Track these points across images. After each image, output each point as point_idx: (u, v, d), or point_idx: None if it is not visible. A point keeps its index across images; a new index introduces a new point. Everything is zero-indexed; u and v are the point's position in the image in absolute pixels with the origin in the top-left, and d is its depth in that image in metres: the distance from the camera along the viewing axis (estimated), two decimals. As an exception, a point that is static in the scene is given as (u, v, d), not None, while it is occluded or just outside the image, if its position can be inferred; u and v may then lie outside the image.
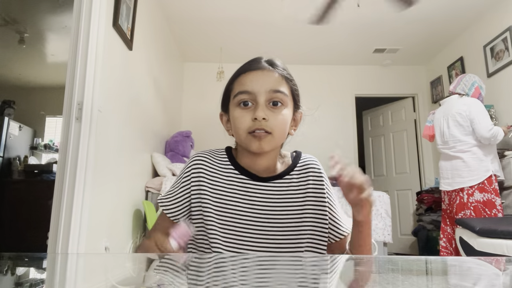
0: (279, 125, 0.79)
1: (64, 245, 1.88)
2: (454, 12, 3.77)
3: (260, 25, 4.03)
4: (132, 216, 2.88)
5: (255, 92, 0.78)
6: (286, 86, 0.82)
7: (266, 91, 0.78)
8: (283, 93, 0.80)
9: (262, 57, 0.85)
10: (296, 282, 0.41)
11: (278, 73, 0.81)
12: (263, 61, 0.83)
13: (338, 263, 0.55)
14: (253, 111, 0.78)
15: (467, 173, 2.67)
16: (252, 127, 0.78)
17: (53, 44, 4.54)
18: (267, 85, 0.79)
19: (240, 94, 0.79)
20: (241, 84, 0.80)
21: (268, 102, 0.79)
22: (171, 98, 4.28)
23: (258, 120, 0.76)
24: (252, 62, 0.84)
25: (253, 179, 0.84)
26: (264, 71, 0.81)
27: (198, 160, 0.87)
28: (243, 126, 0.78)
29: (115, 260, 0.63)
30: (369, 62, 4.99)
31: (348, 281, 0.45)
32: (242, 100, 0.79)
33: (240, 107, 0.79)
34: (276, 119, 0.78)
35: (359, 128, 5.31)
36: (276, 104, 0.79)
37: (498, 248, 2.04)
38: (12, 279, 0.45)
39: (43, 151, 5.08)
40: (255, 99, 0.78)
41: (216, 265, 0.51)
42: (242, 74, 0.82)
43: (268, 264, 0.53)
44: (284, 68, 0.84)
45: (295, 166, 0.88)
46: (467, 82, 2.84)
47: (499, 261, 0.58)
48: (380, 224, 3.08)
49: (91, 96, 2.09)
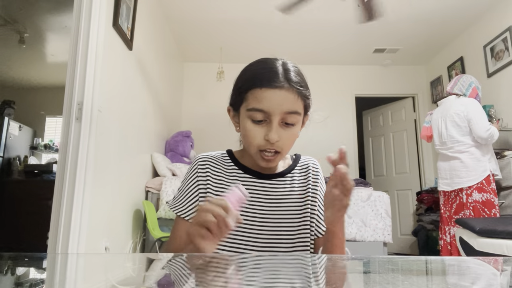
0: (289, 143, 0.81)
1: (64, 245, 1.88)
2: (454, 12, 3.77)
3: (260, 25, 4.03)
4: (132, 216, 2.88)
5: (270, 112, 0.77)
6: (301, 105, 0.80)
7: (282, 112, 0.77)
8: (298, 113, 0.79)
9: (278, 68, 0.79)
10: (300, 283, 0.41)
11: (295, 92, 0.78)
12: (281, 76, 0.78)
13: (340, 264, 0.55)
14: (265, 129, 0.78)
15: (465, 173, 2.68)
16: (264, 146, 0.78)
17: (53, 44, 4.55)
18: (283, 106, 0.77)
19: (254, 111, 0.77)
20: (256, 100, 0.77)
21: (281, 121, 0.78)
22: (171, 98, 4.28)
23: (271, 142, 0.77)
24: (270, 74, 0.78)
25: (256, 177, 0.86)
26: (282, 91, 0.77)
27: (204, 160, 0.88)
28: (255, 143, 0.79)
29: (115, 260, 0.63)
30: (369, 62, 4.99)
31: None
32: (256, 119, 0.78)
33: (253, 122, 0.79)
34: (287, 139, 0.79)
35: (359, 128, 5.31)
36: (289, 125, 0.79)
37: (498, 248, 2.04)
38: (12, 279, 0.45)
39: (43, 151, 5.08)
40: (269, 117, 0.77)
41: (228, 264, 0.51)
42: (258, 88, 0.77)
43: (272, 264, 0.53)
44: (300, 80, 0.81)
45: (296, 166, 0.91)
46: (464, 83, 2.84)
47: (498, 261, 0.58)
48: (380, 224, 3.08)
49: (91, 96, 2.09)
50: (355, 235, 3.02)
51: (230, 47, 4.46)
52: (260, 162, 0.81)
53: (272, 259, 0.58)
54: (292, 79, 0.79)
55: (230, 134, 0.95)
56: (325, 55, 4.79)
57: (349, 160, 0.69)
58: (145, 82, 3.20)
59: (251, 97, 0.78)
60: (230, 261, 0.56)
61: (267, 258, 0.59)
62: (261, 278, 0.43)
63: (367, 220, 3.08)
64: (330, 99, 4.90)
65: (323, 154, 1.02)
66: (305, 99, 0.82)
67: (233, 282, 0.41)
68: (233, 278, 0.44)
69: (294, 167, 0.90)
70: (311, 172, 0.90)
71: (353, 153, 4.84)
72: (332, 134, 4.81)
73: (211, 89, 4.75)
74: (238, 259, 0.58)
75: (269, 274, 0.45)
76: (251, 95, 0.78)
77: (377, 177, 5.24)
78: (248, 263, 0.52)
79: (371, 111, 5.46)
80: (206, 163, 0.87)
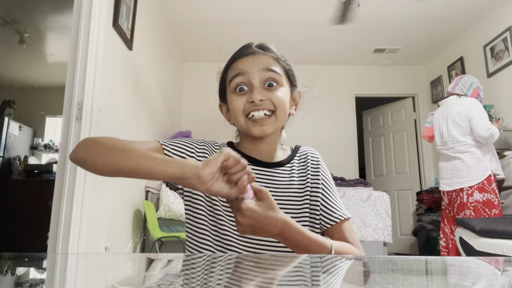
0: (278, 103, 0.79)
1: (64, 245, 1.88)
2: (454, 12, 3.77)
3: (260, 25, 4.03)
4: (132, 216, 2.88)
5: (248, 72, 0.79)
6: (279, 66, 0.83)
7: (259, 70, 0.79)
8: (277, 72, 0.81)
9: (252, 43, 0.86)
10: (294, 282, 0.41)
11: (270, 56, 0.82)
12: (254, 46, 0.84)
13: (332, 263, 0.55)
14: (249, 95, 0.79)
15: (467, 173, 2.68)
16: (248, 109, 0.78)
17: (53, 44, 4.55)
18: (259, 65, 0.80)
19: (234, 78, 0.80)
20: (233, 70, 0.82)
21: (263, 84, 0.79)
22: (171, 98, 4.28)
23: (255, 104, 0.77)
24: (243, 48, 0.85)
25: (256, 165, 0.84)
26: (255, 55, 0.82)
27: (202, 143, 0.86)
28: (239, 109, 0.79)
29: (115, 260, 0.63)
30: (369, 62, 4.99)
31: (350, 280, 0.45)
32: (237, 85, 0.80)
33: (237, 93, 0.80)
34: (274, 98, 0.79)
35: (359, 128, 5.31)
36: (272, 85, 0.80)
37: (498, 248, 2.04)
38: (12, 279, 0.45)
39: (43, 151, 5.08)
40: (249, 81, 0.79)
41: (229, 264, 0.51)
42: (234, 61, 0.83)
43: (265, 264, 0.53)
44: (276, 50, 0.85)
45: (295, 156, 0.90)
46: (465, 83, 2.84)
47: (499, 261, 0.58)
48: (380, 224, 3.08)
49: (91, 96, 2.09)
50: (355, 235, 3.02)
51: (230, 47, 4.41)
52: (252, 129, 0.79)
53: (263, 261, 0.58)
54: (265, 47, 0.84)
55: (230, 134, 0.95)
56: (325, 55, 4.79)
57: (349, 160, 0.69)
58: (145, 82, 3.20)
59: (230, 71, 0.83)
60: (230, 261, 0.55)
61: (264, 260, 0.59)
62: (246, 279, 0.42)
63: (367, 220, 3.08)
64: (330, 99, 4.90)
65: (323, 154, 1.02)
66: (283, 63, 0.84)
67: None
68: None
69: (293, 157, 0.89)
70: (310, 161, 0.88)
71: (353, 153, 4.84)
72: (332, 134, 4.81)
73: (211, 89, 4.70)
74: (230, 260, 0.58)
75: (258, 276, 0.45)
76: (230, 70, 0.83)
77: (377, 177, 5.24)
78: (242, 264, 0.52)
79: (371, 111, 5.46)
80: (204, 146, 0.85)
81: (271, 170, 0.85)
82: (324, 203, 0.84)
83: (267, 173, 0.84)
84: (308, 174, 0.86)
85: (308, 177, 0.86)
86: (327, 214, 0.83)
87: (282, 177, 0.85)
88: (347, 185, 3.39)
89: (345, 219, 0.83)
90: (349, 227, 0.83)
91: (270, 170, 0.84)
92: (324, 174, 0.88)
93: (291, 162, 0.87)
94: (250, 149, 0.86)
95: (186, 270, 0.49)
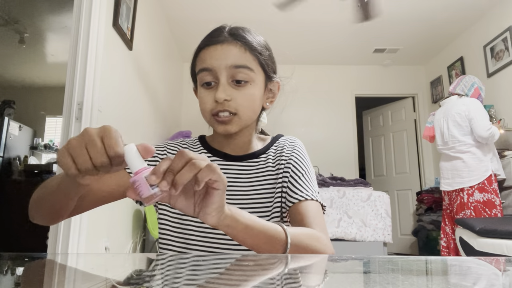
0: (245, 104, 0.72)
1: (64, 245, 1.88)
2: (454, 12, 3.77)
3: (260, 25, 4.02)
4: (132, 216, 2.88)
5: (215, 69, 0.71)
6: (251, 59, 0.73)
7: (227, 67, 0.71)
8: (247, 67, 0.72)
9: (225, 27, 0.76)
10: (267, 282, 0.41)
11: (241, 45, 0.73)
12: (224, 32, 0.74)
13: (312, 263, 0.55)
14: (215, 91, 0.72)
15: (467, 173, 2.68)
16: (215, 109, 0.72)
17: (53, 44, 4.55)
18: (227, 60, 0.71)
19: (200, 73, 0.74)
20: (201, 61, 0.74)
21: (231, 79, 0.72)
22: (171, 98, 4.28)
23: (219, 102, 0.71)
24: (213, 33, 0.76)
25: (226, 159, 0.79)
26: (224, 45, 0.72)
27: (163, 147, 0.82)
28: (206, 108, 0.73)
29: (115, 260, 0.63)
30: (369, 62, 4.99)
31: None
32: (204, 80, 0.73)
33: (204, 87, 0.74)
34: (241, 98, 0.72)
35: (359, 128, 5.31)
36: (240, 82, 0.72)
37: (498, 248, 2.04)
38: (12, 279, 0.45)
39: (43, 151, 5.08)
40: (217, 77, 0.72)
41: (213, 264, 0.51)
42: (202, 49, 0.75)
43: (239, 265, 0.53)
44: (250, 37, 0.75)
45: (272, 145, 0.83)
46: (466, 83, 2.84)
47: (499, 261, 0.58)
48: (380, 224, 3.08)
49: (91, 96, 2.09)
50: (355, 235, 3.02)
51: (230, 47, 4.45)
52: (216, 127, 0.74)
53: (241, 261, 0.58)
54: (237, 34, 0.74)
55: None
56: (325, 55, 4.78)
57: (349, 160, 0.68)
58: (145, 82, 3.20)
59: (198, 61, 0.75)
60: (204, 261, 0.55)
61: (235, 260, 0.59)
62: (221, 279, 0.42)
63: (367, 220, 3.08)
64: (330, 99, 4.91)
65: (323, 154, 1.02)
66: (259, 56, 0.75)
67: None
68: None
69: (269, 147, 0.82)
70: (286, 148, 0.81)
71: (353, 153, 4.84)
72: (332, 134, 4.81)
73: (211, 89, 4.75)
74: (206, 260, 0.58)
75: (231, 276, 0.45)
76: (198, 60, 0.75)
77: (377, 177, 5.24)
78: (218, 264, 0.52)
79: (371, 111, 5.46)
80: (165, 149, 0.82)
81: (241, 163, 0.79)
82: (289, 185, 0.76)
83: (235, 167, 0.79)
84: (282, 161, 0.79)
85: (282, 164, 0.79)
86: (288, 195, 0.74)
87: (255, 169, 0.79)
88: (347, 185, 3.39)
89: (310, 200, 0.73)
90: (315, 209, 0.72)
91: (240, 164, 0.79)
92: (297, 157, 0.80)
93: (266, 153, 0.81)
94: (221, 144, 0.81)
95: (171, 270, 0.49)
